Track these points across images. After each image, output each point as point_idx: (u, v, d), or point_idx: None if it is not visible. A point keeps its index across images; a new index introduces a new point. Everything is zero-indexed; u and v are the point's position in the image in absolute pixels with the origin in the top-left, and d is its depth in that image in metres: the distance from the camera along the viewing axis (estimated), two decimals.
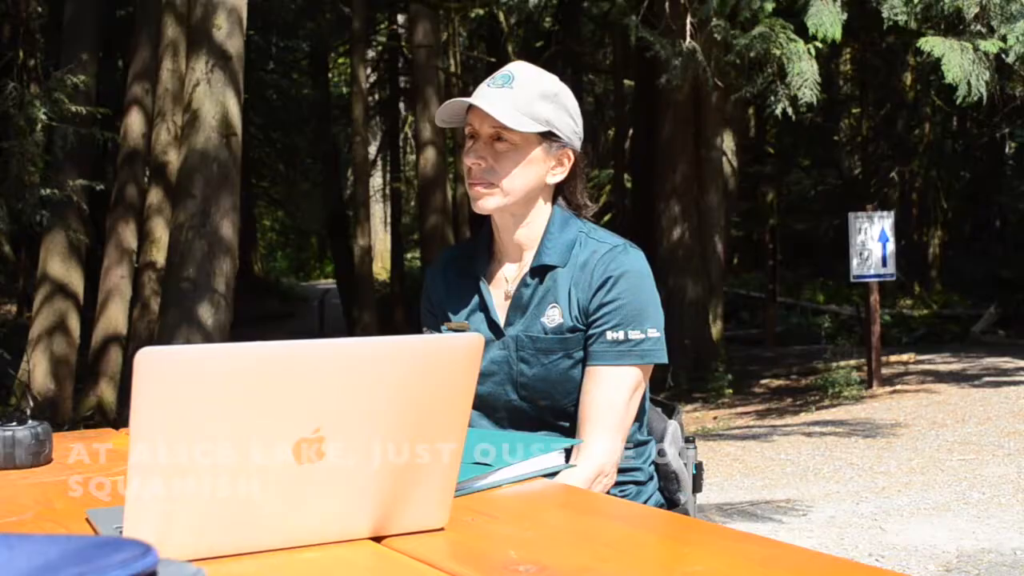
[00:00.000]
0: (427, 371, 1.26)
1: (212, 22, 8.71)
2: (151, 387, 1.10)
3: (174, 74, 10.67)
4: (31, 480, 1.66)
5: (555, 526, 1.46)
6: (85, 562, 0.73)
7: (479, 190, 2.15)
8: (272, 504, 1.22)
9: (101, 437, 2.13)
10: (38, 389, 10.48)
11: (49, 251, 11.15)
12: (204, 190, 8.36)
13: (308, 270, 41.02)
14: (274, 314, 24.23)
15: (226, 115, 8.57)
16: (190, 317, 8.10)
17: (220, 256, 8.31)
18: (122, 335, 11.12)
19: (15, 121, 8.58)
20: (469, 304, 2.27)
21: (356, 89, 16.84)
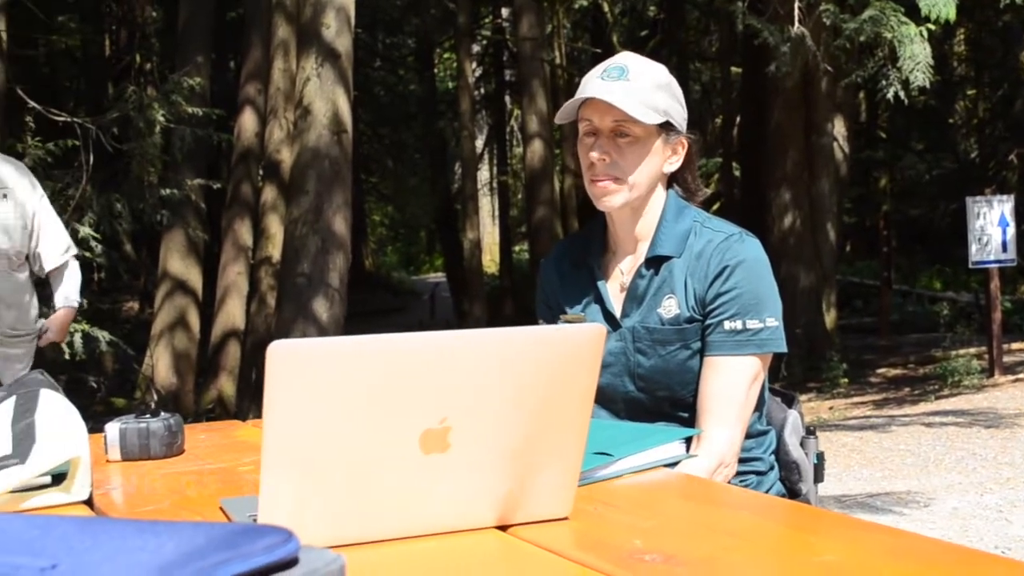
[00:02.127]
0: (551, 361, 1.27)
1: (321, 21, 8.84)
2: (283, 379, 1.13)
3: (285, 73, 10.86)
4: (165, 470, 1.72)
5: (678, 515, 1.46)
6: (231, 548, 0.75)
7: (605, 187, 2.14)
8: (399, 493, 1.24)
9: (229, 429, 2.18)
10: (161, 383, 10.79)
11: (169, 249, 11.46)
12: (317, 186, 8.50)
13: (418, 264, 41.43)
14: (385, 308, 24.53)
15: (336, 112, 8.70)
16: (305, 311, 8.25)
17: (333, 251, 8.45)
18: (240, 330, 11.38)
19: (135, 123, 8.85)
20: (584, 296, 2.27)
21: (462, 83, 16.94)
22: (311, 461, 1.18)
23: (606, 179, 2.13)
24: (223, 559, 0.73)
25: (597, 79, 2.13)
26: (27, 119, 9.23)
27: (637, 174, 2.14)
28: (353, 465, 1.20)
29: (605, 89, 2.09)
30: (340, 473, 1.20)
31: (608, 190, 2.14)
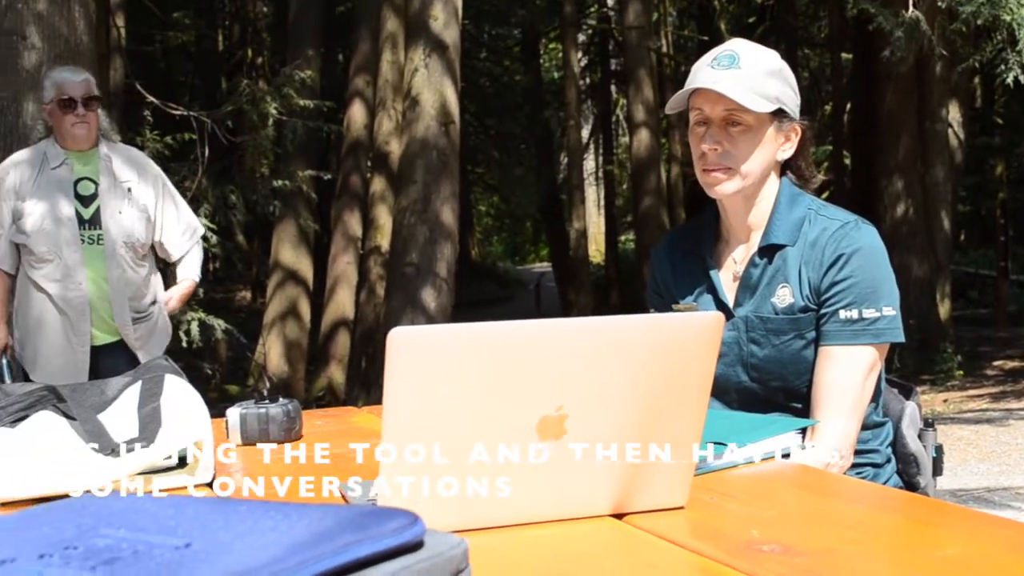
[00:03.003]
0: (669, 349, 1.26)
1: (429, 13, 8.91)
2: (403, 365, 1.15)
3: (394, 65, 10.98)
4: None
5: (795, 507, 1.44)
6: (360, 530, 0.77)
7: (717, 176, 2.12)
8: (515, 480, 1.25)
9: (345, 415, 2.22)
10: (273, 371, 11.01)
11: (281, 239, 11.68)
12: (425, 177, 8.58)
13: (523, 254, 41.53)
14: (492, 298, 24.66)
15: (444, 104, 8.77)
16: (414, 301, 8.34)
17: (441, 241, 8.53)
18: (349, 319, 11.55)
19: (249, 116, 9.03)
20: (696, 285, 2.25)
21: (568, 73, 16.93)
22: (430, 446, 1.19)
23: (717, 169, 2.11)
24: (352, 540, 0.75)
25: (707, 67, 2.10)
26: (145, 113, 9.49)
27: (749, 163, 2.11)
28: (470, 450, 1.21)
29: (715, 78, 2.07)
30: (458, 458, 1.21)
31: (719, 179, 2.12)
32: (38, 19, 5.66)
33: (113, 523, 0.85)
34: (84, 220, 4.33)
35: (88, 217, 4.34)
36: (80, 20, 5.85)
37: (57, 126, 4.34)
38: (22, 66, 5.63)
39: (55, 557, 0.78)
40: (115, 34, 11.11)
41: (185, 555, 0.76)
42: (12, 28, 5.63)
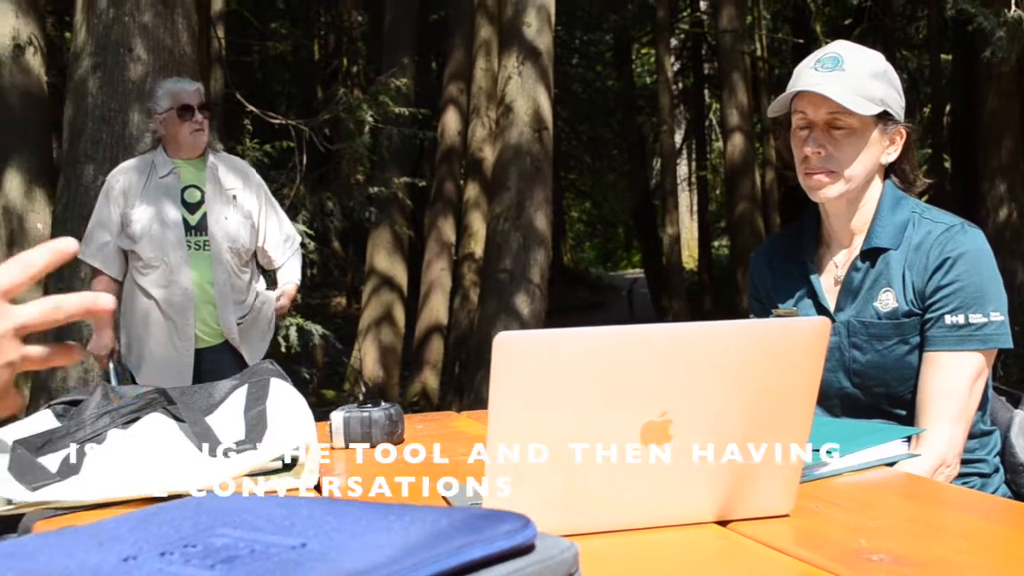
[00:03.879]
0: (774, 355, 1.25)
1: (522, 20, 8.94)
2: (509, 370, 1.15)
3: (487, 73, 11.03)
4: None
5: (902, 515, 1.42)
6: (474, 532, 0.77)
7: (820, 179, 2.09)
8: (620, 485, 1.25)
9: (445, 419, 2.24)
10: (368, 376, 11.13)
11: (376, 246, 11.80)
12: (518, 183, 8.60)
13: (615, 260, 41.39)
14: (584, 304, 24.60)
15: (537, 110, 8.79)
16: (507, 307, 8.37)
17: (534, 247, 8.54)
18: (443, 325, 11.63)
19: (345, 124, 9.15)
20: (797, 290, 2.23)
21: (661, 78, 16.85)
22: (535, 450, 1.20)
23: (820, 172, 2.08)
24: (466, 542, 0.75)
25: (811, 70, 2.08)
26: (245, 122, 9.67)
27: (853, 166, 2.08)
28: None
29: (818, 80, 2.05)
30: (563, 463, 1.22)
31: (823, 183, 2.09)
32: (143, 31, 5.80)
33: (230, 523, 0.87)
34: (190, 226, 4.43)
35: (194, 223, 4.44)
36: (183, 32, 5.98)
37: (173, 134, 4.45)
38: (128, 77, 5.78)
39: (175, 555, 0.81)
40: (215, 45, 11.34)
41: (302, 555, 0.77)
42: (119, 40, 5.78)
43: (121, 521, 0.91)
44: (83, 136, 5.84)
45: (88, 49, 5.88)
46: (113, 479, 1.53)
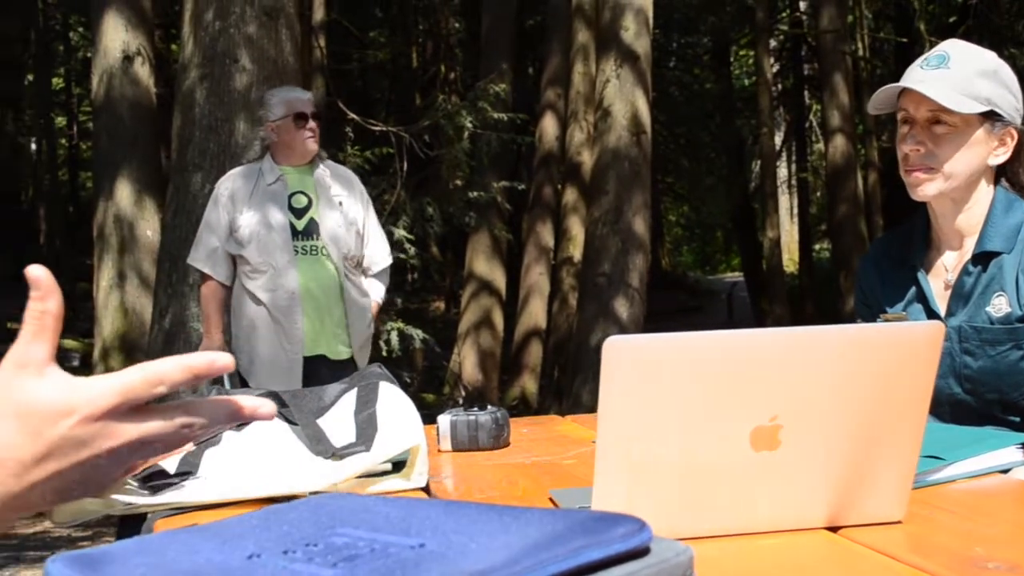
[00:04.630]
0: (886, 360, 1.24)
1: (620, 24, 8.93)
2: (618, 374, 1.16)
3: (585, 77, 11.04)
4: (493, 461, 1.79)
5: (1019, 523, 1.39)
6: (591, 534, 0.78)
7: (918, 176, 2.07)
8: (730, 490, 1.25)
9: (550, 423, 2.25)
10: (468, 379, 11.20)
11: (474, 250, 11.88)
12: (617, 187, 8.59)
13: (714, 264, 41.06)
14: (682, 308, 24.45)
15: (636, 114, 8.77)
16: (606, 311, 8.35)
17: (633, 251, 8.52)
18: (542, 329, 11.65)
19: (445, 130, 9.24)
20: (906, 294, 2.19)
21: (760, 80, 16.67)
22: (644, 454, 1.21)
23: (919, 169, 2.06)
24: (583, 544, 0.76)
25: (917, 67, 2.06)
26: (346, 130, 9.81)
27: (952, 164, 2.05)
28: (684, 460, 1.22)
29: (921, 77, 2.03)
30: (672, 467, 1.22)
31: (920, 180, 2.06)
32: (248, 42, 5.93)
33: (349, 522, 0.89)
34: (297, 231, 4.52)
35: (301, 228, 4.53)
36: (287, 42, 6.10)
37: (288, 141, 4.54)
38: (234, 87, 5.91)
39: (298, 553, 0.83)
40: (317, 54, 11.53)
41: (420, 554, 0.79)
42: (225, 51, 5.91)
43: (244, 520, 0.94)
44: (191, 145, 5.98)
45: (195, 60, 6.03)
46: (229, 480, 1.57)
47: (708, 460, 1.23)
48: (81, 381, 0.85)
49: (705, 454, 1.22)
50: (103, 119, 8.55)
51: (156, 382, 0.85)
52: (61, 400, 0.83)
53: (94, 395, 0.83)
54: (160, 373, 0.86)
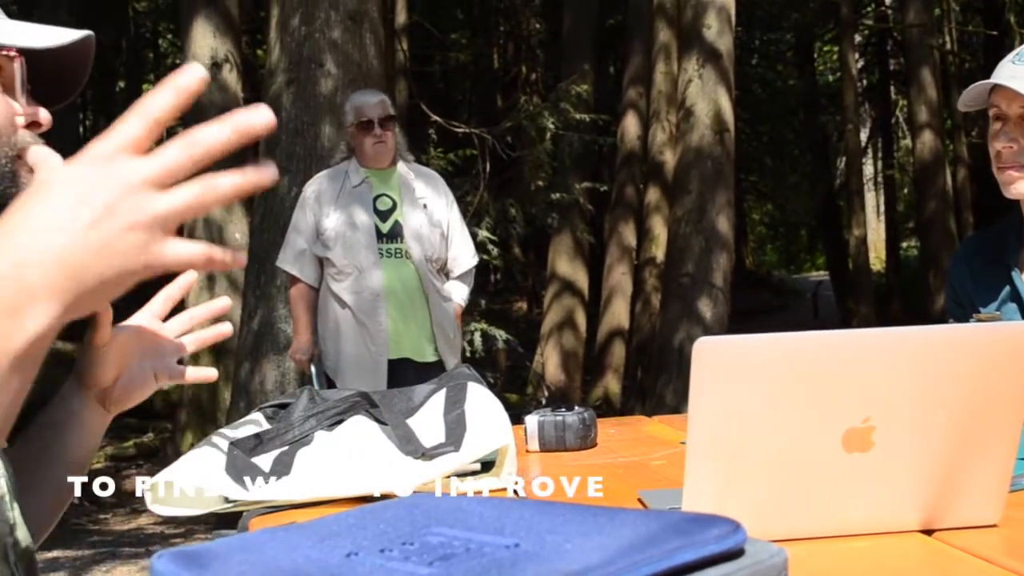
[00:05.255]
0: (980, 361, 1.22)
1: (702, 22, 8.88)
2: (709, 375, 1.16)
3: (667, 76, 10.98)
4: (580, 462, 1.80)
5: None
6: (685, 535, 0.78)
7: (1011, 174, 2.03)
8: (822, 491, 1.24)
9: (637, 424, 2.25)
10: (550, 380, 11.21)
11: (557, 251, 11.89)
12: (700, 187, 8.54)
13: (798, 263, 40.57)
14: (767, 307, 24.20)
15: (719, 112, 8.71)
16: (690, 311, 8.31)
17: (717, 251, 8.46)
18: (625, 329, 11.62)
19: (527, 132, 9.26)
20: (999, 294, 2.15)
21: (845, 76, 16.45)
22: (735, 456, 1.20)
23: (1012, 167, 2.02)
24: (678, 545, 0.77)
25: (1008, 63, 2.02)
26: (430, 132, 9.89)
27: None
28: (776, 461, 1.21)
29: (1013, 73, 1.98)
30: (763, 468, 1.22)
31: (1013, 177, 2.02)
32: (333, 47, 6.01)
33: (444, 521, 0.90)
34: (382, 233, 4.56)
35: (386, 231, 4.57)
36: (371, 46, 6.16)
37: (358, 147, 4.60)
38: (320, 92, 5.99)
39: (395, 552, 0.84)
40: (400, 57, 11.63)
41: (516, 554, 0.80)
42: (311, 56, 6.00)
43: (340, 519, 0.96)
44: (278, 149, 6.07)
45: (281, 65, 6.13)
46: (321, 479, 1.60)
47: (799, 461, 1.22)
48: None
49: (796, 455, 1.22)
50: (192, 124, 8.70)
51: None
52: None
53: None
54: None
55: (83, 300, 0.83)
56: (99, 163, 0.83)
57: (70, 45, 1.28)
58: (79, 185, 0.82)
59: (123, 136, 0.84)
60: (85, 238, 0.81)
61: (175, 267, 0.87)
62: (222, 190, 0.86)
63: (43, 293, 0.81)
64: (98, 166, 0.83)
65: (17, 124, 1.25)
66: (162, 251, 0.84)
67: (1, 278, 0.80)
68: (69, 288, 0.81)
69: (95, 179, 0.82)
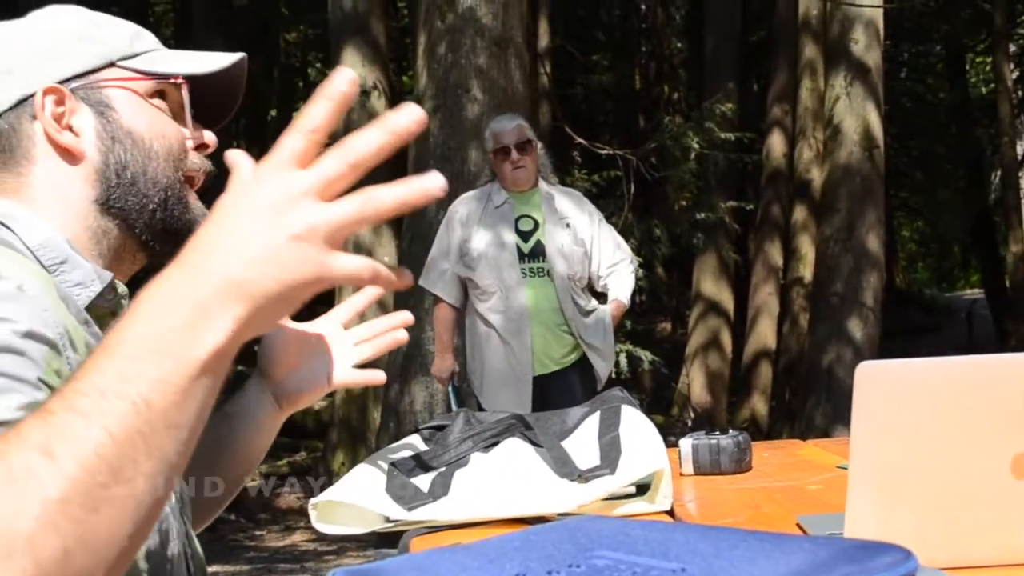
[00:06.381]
0: None
1: (850, 37, 8.74)
2: (871, 399, 1.15)
3: (813, 92, 10.82)
4: (736, 486, 1.79)
5: None
6: (855, 562, 0.78)
7: None
8: (989, 518, 1.21)
9: (791, 447, 2.23)
10: (696, 401, 11.11)
11: (702, 271, 11.79)
12: (848, 204, 8.40)
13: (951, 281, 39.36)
14: (918, 327, 23.51)
15: (867, 128, 8.55)
16: (839, 331, 8.16)
17: (867, 269, 8.30)
18: (771, 350, 11.45)
19: (671, 152, 9.23)
20: None
21: (1000, 87, 15.96)
22: (898, 481, 1.19)
23: None
24: (848, 572, 0.77)
25: None
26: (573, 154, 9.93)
27: None
28: (941, 487, 1.19)
29: None
30: (928, 495, 1.19)
31: None
32: (479, 73, 6.10)
33: (608, 545, 0.92)
34: (524, 253, 4.61)
35: (528, 251, 4.62)
36: (516, 71, 6.24)
37: (498, 171, 4.68)
38: (466, 117, 6.09)
39: (562, 574, 0.86)
40: (543, 80, 11.71)
41: None
42: (457, 83, 6.10)
43: (506, 540, 0.98)
44: None
45: (429, 92, 6.25)
46: (479, 500, 1.63)
47: (965, 488, 1.20)
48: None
49: (962, 481, 1.19)
50: None
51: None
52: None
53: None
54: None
55: (261, 311, 0.86)
56: (267, 172, 0.87)
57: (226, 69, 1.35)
58: (251, 197, 0.86)
59: (285, 151, 0.86)
60: (258, 249, 0.84)
61: (343, 281, 0.89)
62: (385, 201, 0.87)
63: (221, 308, 0.84)
64: (266, 175, 0.86)
65: (187, 147, 1.33)
66: (331, 263, 0.86)
67: (183, 296, 0.84)
68: (245, 300, 0.85)
69: (263, 188, 0.86)
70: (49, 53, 1.27)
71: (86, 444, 0.78)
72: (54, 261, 1.20)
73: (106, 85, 1.28)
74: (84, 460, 0.78)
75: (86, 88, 1.27)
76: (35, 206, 1.24)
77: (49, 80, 1.25)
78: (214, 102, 1.39)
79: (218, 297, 0.84)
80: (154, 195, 1.28)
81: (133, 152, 1.27)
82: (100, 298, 1.22)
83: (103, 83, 1.28)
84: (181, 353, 0.83)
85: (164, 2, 19.14)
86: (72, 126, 1.26)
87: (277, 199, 0.85)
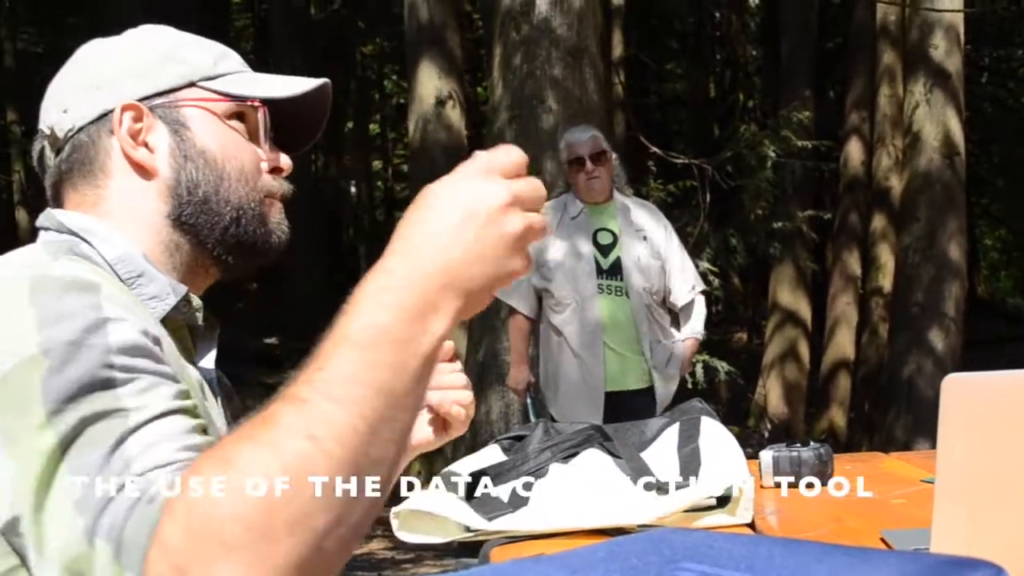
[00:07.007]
0: None
1: (929, 42, 8.61)
2: (958, 413, 1.14)
3: (891, 99, 10.66)
4: (819, 498, 1.77)
5: None
6: None
7: None
8: None
9: (873, 460, 2.21)
10: (773, 412, 10.99)
11: (778, 281, 11.67)
12: (929, 213, 8.27)
13: None
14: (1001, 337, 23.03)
15: (947, 135, 8.42)
16: (920, 341, 8.04)
17: (948, 279, 8.17)
18: (850, 360, 11.29)
19: (747, 160, 9.15)
20: None
21: None
22: (986, 496, 1.17)
23: None
24: None
25: None
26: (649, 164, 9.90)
27: None
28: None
29: None
30: (1016, 509, 1.18)
31: None
32: (554, 84, 6.11)
33: (692, 557, 0.91)
34: (603, 269, 4.60)
35: (607, 267, 4.60)
36: (590, 81, 6.24)
37: (573, 182, 4.68)
38: (541, 128, 6.10)
39: None
40: (617, 90, 11.69)
41: None
42: (532, 94, 6.12)
43: (591, 551, 0.98)
44: None
45: (504, 103, 6.27)
46: (558, 511, 1.64)
47: None
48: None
49: None
50: (419, 162, 9.01)
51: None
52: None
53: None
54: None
55: (470, 303, 0.95)
56: (479, 178, 0.96)
57: (309, 93, 1.37)
58: (465, 199, 0.95)
59: (498, 160, 0.97)
60: (472, 247, 0.94)
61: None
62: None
63: (443, 300, 0.93)
64: (478, 181, 0.96)
65: (262, 169, 1.35)
66: (521, 262, 0.97)
67: (412, 288, 0.92)
68: (461, 293, 0.94)
69: (477, 193, 0.95)
70: (135, 71, 1.30)
71: (346, 429, 0.87)
72: (131, 274, 1.23)
73: (184, 104, 1.31)
74: (347, 444, 0.87)
75: (164, 107, 1.30)
76: (111, 220, 1.27)
77: (130, 97, 1.28)
78: (298, 125, 1.42)
79: (443, 291, 0.93)
80: (226, 213, 1.31)
81: (205, 171, 1.30)
82: (175, 311, 1.25)
83: (181, 102, 1.31)
84: (417, 342, 0.91)
85: (244, 17, 19.46)
86: (148, 143, 1.29)
87: (492, 199, 0.94)
